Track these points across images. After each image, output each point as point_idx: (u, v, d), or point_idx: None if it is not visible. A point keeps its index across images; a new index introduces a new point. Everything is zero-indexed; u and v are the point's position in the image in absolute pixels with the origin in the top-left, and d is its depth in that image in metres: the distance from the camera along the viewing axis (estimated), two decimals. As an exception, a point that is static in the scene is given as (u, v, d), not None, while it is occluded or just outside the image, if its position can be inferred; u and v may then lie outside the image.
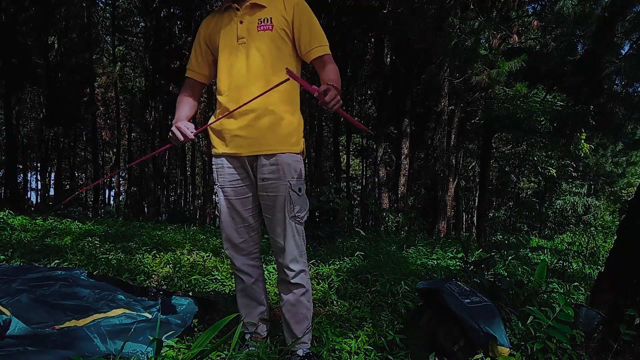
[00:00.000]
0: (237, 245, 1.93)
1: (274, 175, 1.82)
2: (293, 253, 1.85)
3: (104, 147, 29.69)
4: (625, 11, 5.26)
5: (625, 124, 6.84)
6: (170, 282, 3.18)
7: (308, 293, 1.91)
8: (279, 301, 1.96)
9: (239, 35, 1.84)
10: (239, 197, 1.90)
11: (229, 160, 1.89)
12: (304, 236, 1.92)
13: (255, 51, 1.81)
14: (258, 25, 1.82)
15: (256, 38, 1.82)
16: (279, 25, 1.82)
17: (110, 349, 1.78)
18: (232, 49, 1.85)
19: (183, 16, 18.26)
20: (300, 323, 1.89)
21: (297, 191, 1.84)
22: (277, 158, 1.82)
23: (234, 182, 1.89)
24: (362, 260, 4.12)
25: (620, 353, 1.80)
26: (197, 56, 1.98)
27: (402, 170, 13.61)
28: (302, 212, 1.87)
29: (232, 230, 1.92)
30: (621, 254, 1.98)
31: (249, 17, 1.84)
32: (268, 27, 1.82)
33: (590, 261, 5.67)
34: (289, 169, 1.83)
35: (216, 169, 1.93)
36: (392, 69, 14.68)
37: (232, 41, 1.85)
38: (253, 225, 1.94)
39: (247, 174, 1.88)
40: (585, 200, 19.56)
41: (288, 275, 1.86)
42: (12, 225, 5.11)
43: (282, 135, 1.82)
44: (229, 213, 1.91)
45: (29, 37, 15.24)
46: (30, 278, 2.39)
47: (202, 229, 7.29)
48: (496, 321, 1.86)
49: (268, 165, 1.82)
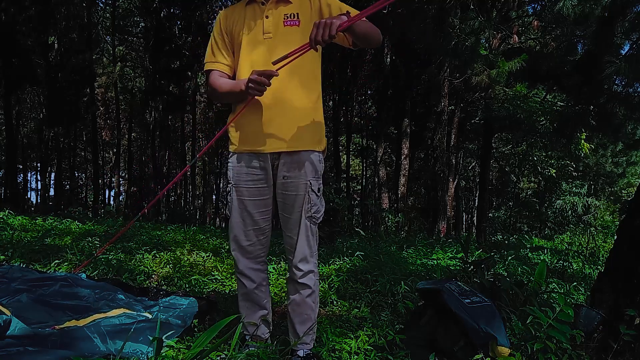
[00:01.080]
0: (244, 248, 1.89)
1: (295, 173, 1.79)
2: (304, 253, 1.83)
3: (104, 147, 29.69)
4: (625, 11, 5.27)
5: (625, 124, 6.85)
6: (170, 282, 3.18)
7: (314, 295, 1.89)
8: (286, 299, 1.96)
9: (265, 30, 1.80)
10: (253, 199, 1.85)
11: (248, 159, 1.83)
12: (317, 237, 1.89)
13: (282, 46, 1.76)
14: (285, 20, 1.79)
15: (283, 33, 1.78)
16: (306, 21, 1.79)
17: (111, 349, 1.77)
18: (256, 43, 1.81)
19: (183, 16, 18.26)
20: (303, 323, 1.88)
21: (315, 191, 1.82)
22: (299, 156, 1.79)
23: (249, 183, 1.85)
24: (362, 260, 4.12)
25: (620, 353, 1.80)
26: (217, 48, 1.91)
27: (402, 170, 13.62)
28: (319, 213, 1.85)
29: (241, 232, 1.88)
30: (621, 254, 1.98)
31: (275, 12, 1.80)
32: (295, 23, 1.79)
33: (590, 261, 5.67)
34: (310, 168, 1.80)
35: (232, 167, 1.88)
36: (392, 69, 14.69)
37: (256, 36, 1.81)
38: (263, 228, 1.90)
39: (266, 175, 1.83)
40: (585, 200, 19.55)
41: (296, 275, 1.85)
42: (12, 225, 5.11)
43: (306, 132, 1.79)
44: (240, 214, 1.87)
45: (29, 37, 15.25)
46: (30, 278, 2.39)
47: (202, 229, 7.30)
48: (496, 321, 1.86)
49: (289, 163, 1.79)
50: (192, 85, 20.40)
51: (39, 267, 3.13)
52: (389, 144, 17.84)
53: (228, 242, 2.13)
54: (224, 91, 1.87)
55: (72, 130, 21.13)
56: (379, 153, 15.33)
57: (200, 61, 19.32)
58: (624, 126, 6.97)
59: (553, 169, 17.34)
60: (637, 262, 1.85)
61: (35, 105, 23.54)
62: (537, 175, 19.54)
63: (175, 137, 25.05)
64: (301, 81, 1.80)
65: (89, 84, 18.43)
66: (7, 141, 16.06)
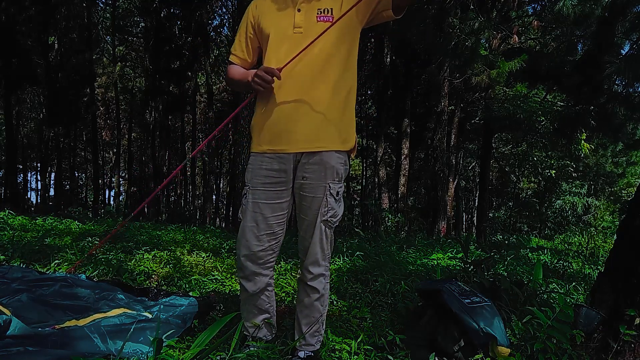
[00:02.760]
0: (254, 253, 1.81)
1: (314, 175, 1.73)
2: (315, 256, 1.79)
3: (104, 147, 29.69)
4: (625, 11, 5.27)
5: (625, 124, 6.85)
6: (170, 282, 3.18)
7: (323, 298, 1.85)
8: (288, 299, 1.95)
9: (295, 24, 1.72)
10: (270, 202, 1.79)
11: (269, 161, 1.77)
12: (332, 241, 1.84)
13: (314, 42, 1.68)
14: (317, 15, 1.72)
15: (315, 29, 1.69)
16: (339, 14, 1.70)
17: (111, 348, 1.77)
18: (285, 37, 1.74)
19: (183, 16, 18.25)
20: (310, 325, 1.87)
21: (334, 195, 1.76)
22: (321, 157, 1.73)
23: (267, 185, 1.78)
24: (362, 260, 4.12)
25: (620, 353, 1.80)
26: (242, 40, 1.87)
27: (402, 170, 13.62)
28: (336, 217, 1.78)
29: (253, 237, 1.79)
30: (621, 254, 1.98)
31: (307, 6, 1.73)
32: (329, 19, 1.71)
33: (590, 261, 5.67)
34: (331, 171, 1.74)
35: (252, 168, 1.80)
36: (392, 69, 14.70)
37: (286, 30, 1.74)
38: (276, 233, 1.83)
39: (287, 177, 1.77)
40: (585, 201, 19.55)
41: (306, 277, 1.82)
42: (12, 225, 5.10)
43: (330, 131, 1.73)
44: (254, 217, 1.79)
45: (29, 37, 15.25)
46: (30, 278, 2.39)
47: (202, 229, 7.29)
48: (496, 321, 1.86)
49: (310, 164, 1.73)
50: (192, 85, 20.40)
51: (39, 267, 3.12)
52: (389, 144, 17.84)
53: (231, 244, 2.12)
54: (235, 79, 1.88)
55: (72, 130, 21.12)
56: (379, 153, 15.33)
57: (200, 61, 19.34)
58: (624, 126, 6.97)
59: (553, 169, 17.34)
60: (637, 262, 1.85)
61: (35, 105, 23.53)
62: (537, 175, 19.54)
63: (175, 137, 25.05)
64: (328, 75, 1.72)
65: (89, 84, 18.43)
66: (7, 141, 16.06)
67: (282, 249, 3.30)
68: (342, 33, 1.73)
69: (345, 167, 1.80)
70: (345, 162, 1.80)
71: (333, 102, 1.73)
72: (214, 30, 21.36)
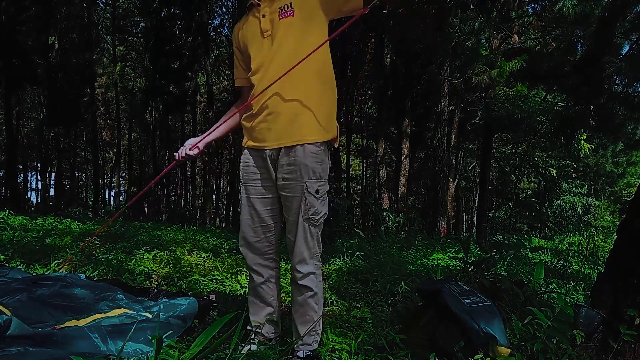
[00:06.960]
0: (251, 244, 1.92)
1: (291, 175, 1.78)
2: (302, 255, 1.83)
3: (104, 147, 29.69)
4: (625, 11, 5.27)
5: (625, 124, 6.85)
6: (170, 282, 3.18)
7: (317, 296, 1.88)
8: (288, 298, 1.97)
9: (263, 29, 1.81)
10: (259, 197, 1.89)
11: (254, 157, 1.88)
12: (319, 239, 1.87)
13: (281, 40, 1.78)
14: (279, 14, 1.78)
15: (280, 27, 1.78)
16: (299, 7, 1.77)
17: (111, 348, 1.77)
18: (259, 44, 1.83)
19: (183, 16, 18.24)
20: (305, 324, 1.88)
21: (313, 193, 1.78)
22: (296, 158, 1.76)
23: (255, 181, 1.89)
24: (362, 260, 4.12)
25: (620, 353, 1.80)
26: (237, 65, 1.99)
27: (402, 170, 13.62)
28: (318, 215, 1.81)
29: (249, 229, 1.91)
30: (621, 254, 1.98)
31: (270, 9, 1.80)
32: (289, 14, 1.77)
33: (590, 261, 5.67)
34: (307, 170, 1.77)
35: (243, 166, 1.93)
36: (392, 69, 14.69)
37: (257, 37, 1.83)
38: (270, 226, 1.92)
39: (269, 174, 1.85)
40: (585, 201, 19.55)
41: (296, 277, 1.85)
42: (12, 225, 5.11)
43: (308, 122, 1.76)
44: (248, 211, 1.91)
45: (29, 37, 15.23)
46: (30, 278, 2.39)
47: (202, 229, 7.30)
48: (496, 321, 1.86)
49: (287, 166, 1.78)
50: (192, 85, 20.39)
51: (39, 267, 3.13)
52: (389, 144, 17.84)
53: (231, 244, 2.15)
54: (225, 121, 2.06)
55: (72, 130, 21.11)
56: (379, 153, 15.33)
57: (200, 61, 19.34)
58: (624, 126, 6.96)
59: (553, 169, 17.33)
60: (637, 262, 1.85)
61: (35, 105, 23.54)
62: (537, 175, 19.54)
63: (175, 137, 25.04)
64: (299, 70, 1.74)
65: (89, 84, 18.43)
66: (7, 141, 16.07)
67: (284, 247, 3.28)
68: (307, 27, 1.78)
69: (322, 165, 1.81)
70: (322, 161, 1.81)
71: (308, 95, 1.77)
72: (214, 30, 21.39)
